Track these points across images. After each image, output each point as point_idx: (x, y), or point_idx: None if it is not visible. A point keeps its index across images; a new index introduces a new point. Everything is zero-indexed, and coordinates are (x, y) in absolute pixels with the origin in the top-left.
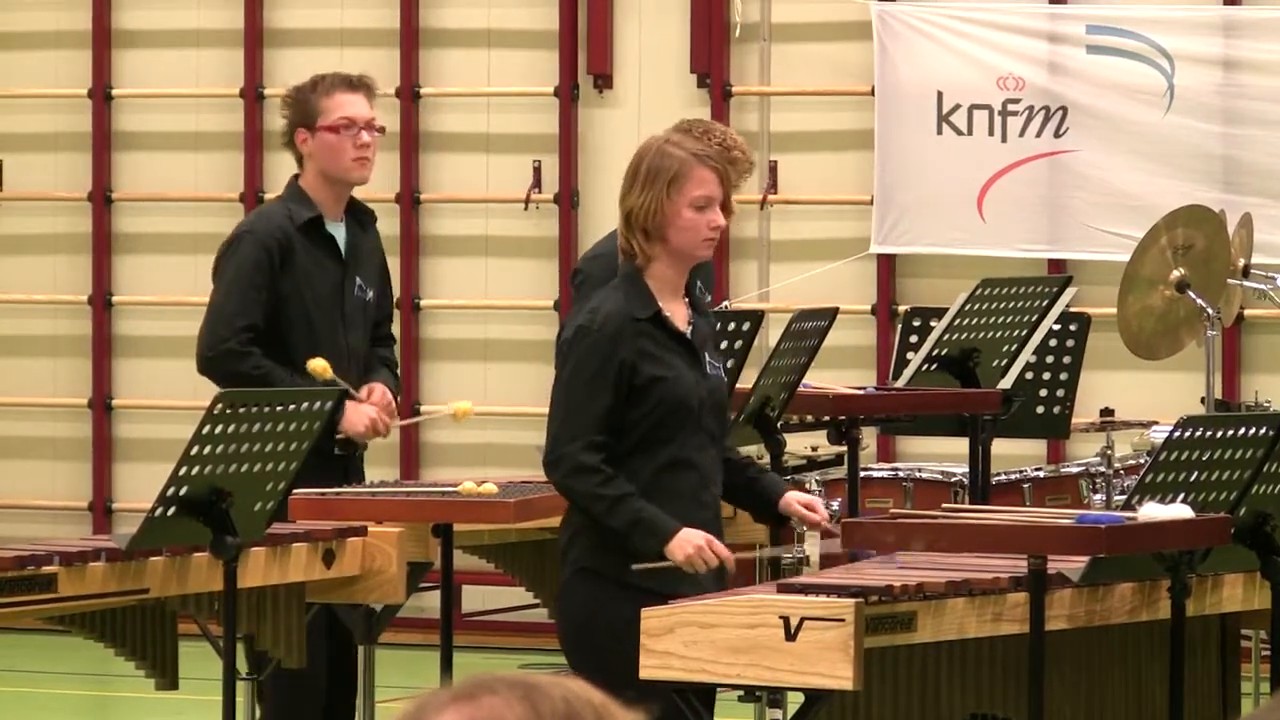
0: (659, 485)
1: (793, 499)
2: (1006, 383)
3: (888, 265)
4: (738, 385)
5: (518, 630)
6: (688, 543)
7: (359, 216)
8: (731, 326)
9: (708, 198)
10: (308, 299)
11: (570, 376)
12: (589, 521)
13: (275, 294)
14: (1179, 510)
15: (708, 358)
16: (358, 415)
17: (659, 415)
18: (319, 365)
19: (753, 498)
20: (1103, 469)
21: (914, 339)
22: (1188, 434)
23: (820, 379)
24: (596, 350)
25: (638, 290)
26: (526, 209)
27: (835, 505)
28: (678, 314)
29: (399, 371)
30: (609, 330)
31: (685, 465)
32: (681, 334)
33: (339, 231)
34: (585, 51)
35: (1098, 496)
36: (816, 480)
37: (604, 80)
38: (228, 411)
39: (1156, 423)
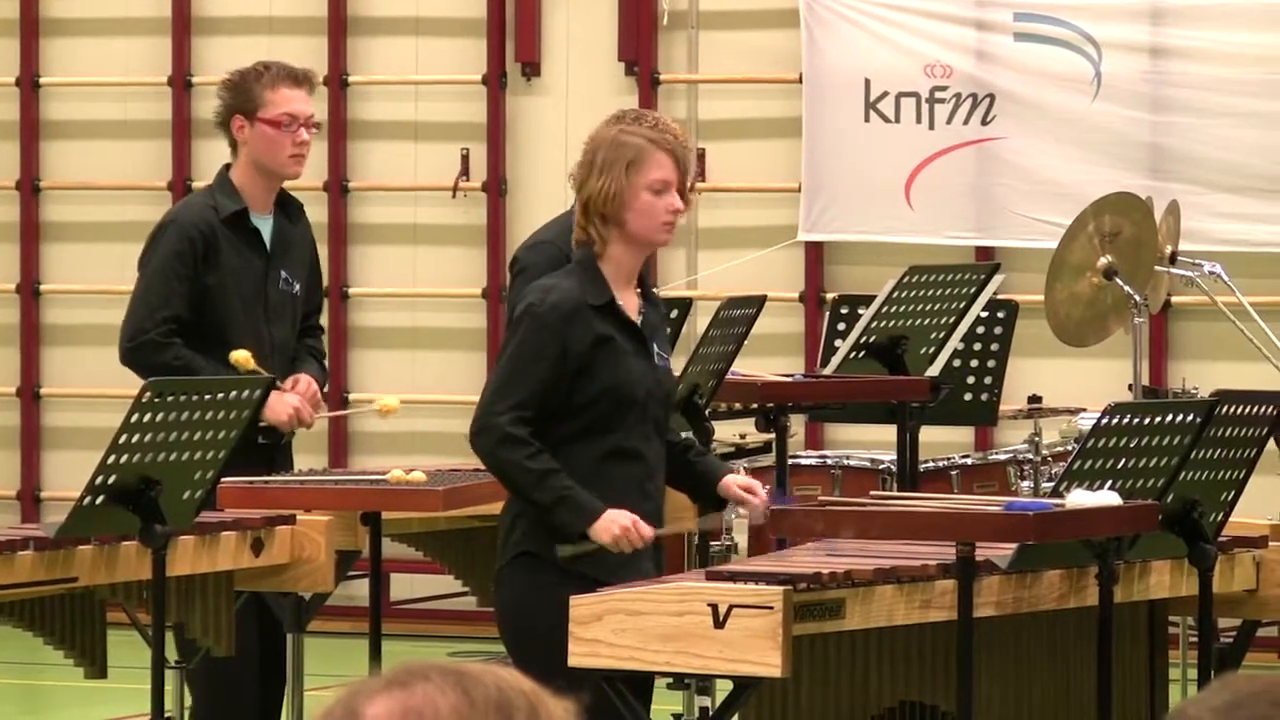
0: (603, 473)
1: (732, 481)
2: (934, 370)
3: (816, 253)
4: None
5: (446, 618)
6: (614, 523)
7: (287, 209)
8: None
9: (665, 181)
10: (231, 291)
11: (512, 352)
12: (519, 500)
13: (199, 285)
14: (1107, 497)
15: (656, 348)
16: (281, 405)
17: (605, 404)
18: (241, 356)
19: (692, 480)
20: (1030, 456)
21: (842, 326)
22: (1115, 421)
23: (748, 366)
24: (543, 329)
25: (592, 277)
26: (455, 197)
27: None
28: (629, 303)
29: (326, 361)
30: (560, 312)
31: (630, 455)
32: (632, 323)
33: (265, 224)
34: (513, 40)
35: (1026, 484)
36: (744, 468)
37: (532, 68)
38: (156, 400)
39: (1084, 410)
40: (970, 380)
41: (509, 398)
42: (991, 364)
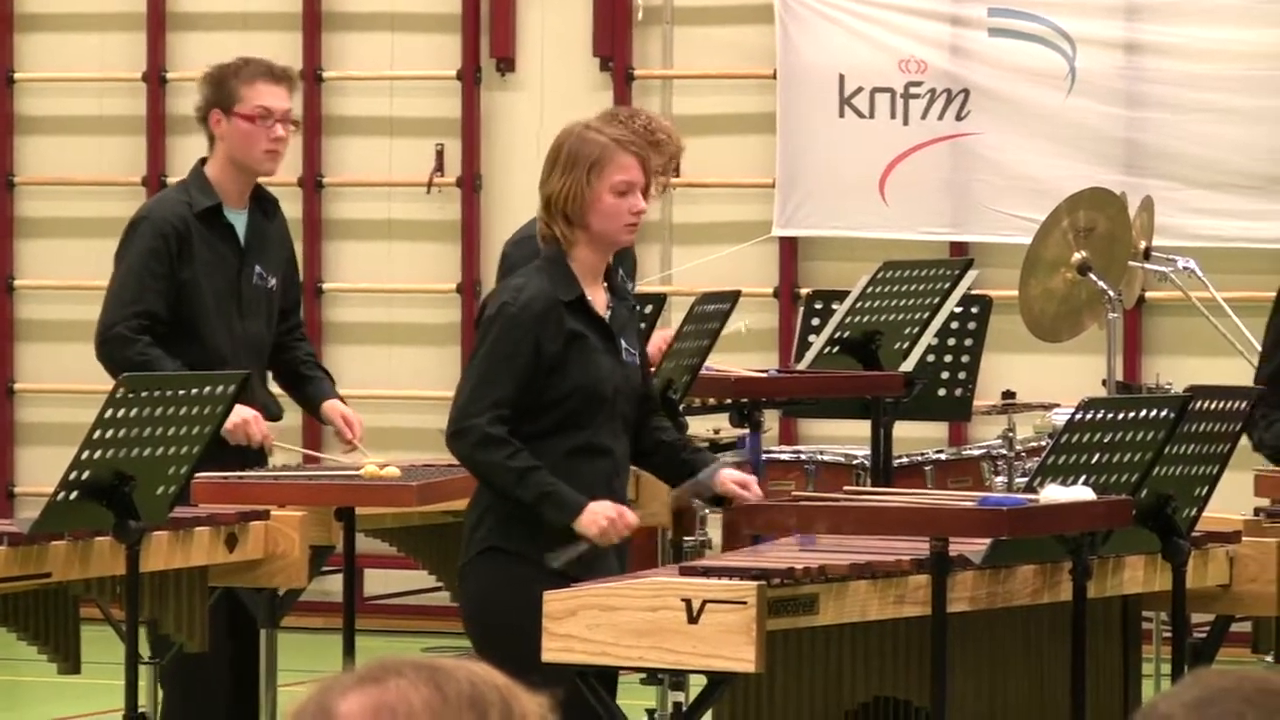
0: (571, 469)
1: (727, 477)
2: (908, 365)
3: (790, 248)
4: None
5: (420, 613)
6: (600, 516)
7: (263, 204)
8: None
9: (629, 183)
10: (204, 287)
11: (487, 351)
12: (501, 499)
13: (174, 281)
14: (1080, 492)
15: (624, 344)
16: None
17: (575, 401)
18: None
19: (687, 478)
20: (1004, 451)
21: (816, 322)
22: (1089, 416)
23: (722, 362)
24: (516, 328)
25: (562, 273)
26: (429, 192)
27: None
28: (598, 299)
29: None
30: (533, 310)
31: (598, 452)
32: (601, 319)
33: (240, 219)
34: (488, 35)
35: (999, 479)
36: None
37: (507, 63)
38: (130, 395)
39: (1058, 405)
40: (944, 375)
41: (486, 398)
42: (965, 359)
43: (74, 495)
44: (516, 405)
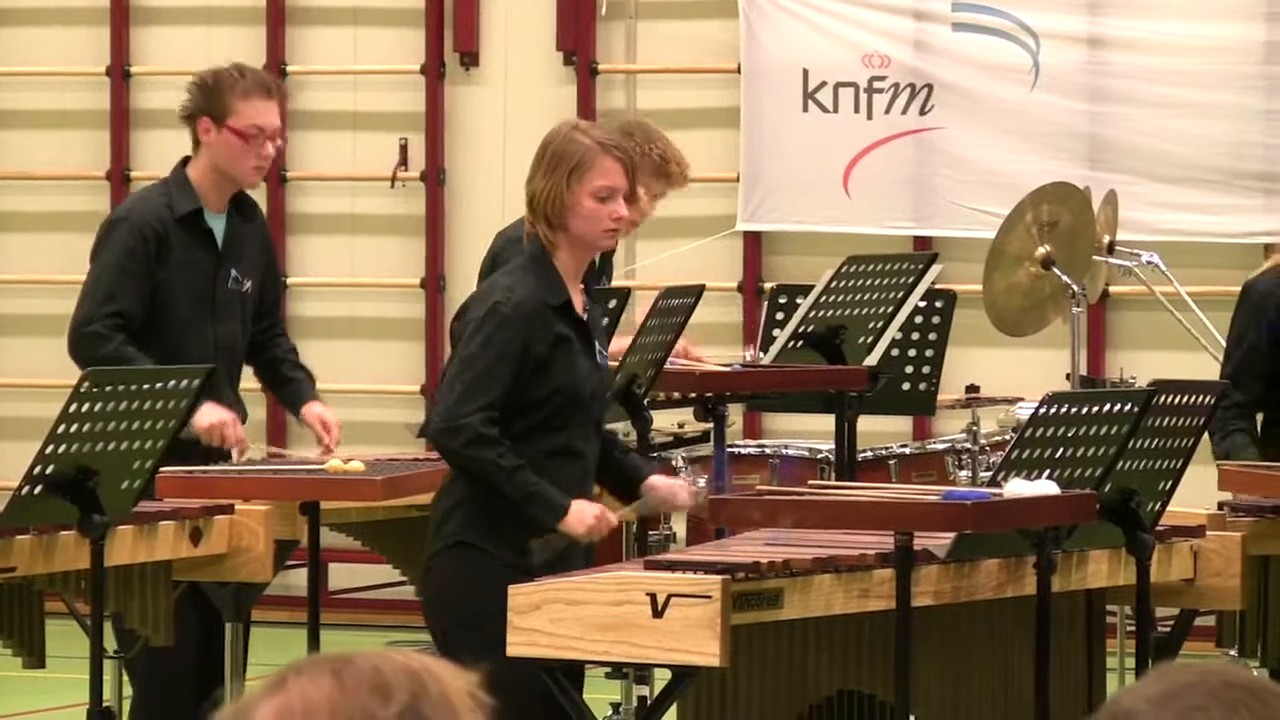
0: (546, 471)
1: (657, 483)
2: (873, 359)
3: (754, 242)
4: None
5: (385, 608)
6: (586, 516)
7: (242, 207)
8: None
9: (610, 188)
10: (177, 289)
11: (478, 350)
12: (472, 494)
13: (150, 282)
14: (1045, 487)
15: (598, 346)
16: (209, 412)
17: (556, 403)
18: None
19: (620, 476)
20: (969, 445)
21: (780, 316)
22: (1053, 410)
23: (712, 356)
24: (507, 329)
25: (548, 274)
26: (393, 187)
27: (702, 482)
28: (577, 301)
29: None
30: (523, 311)
31: (573, 454)
32: (583, 322)
33: (219, 223)
34: (451, 29)
35: (964, 473)
36: (683, 457)
37: (470, 58)
38: (95, 390)
39: (1022, 399)
40: (908, 370)
41: (478, 398)
42: (929, 353)
43: (38, 490)
44: (503, 405)
